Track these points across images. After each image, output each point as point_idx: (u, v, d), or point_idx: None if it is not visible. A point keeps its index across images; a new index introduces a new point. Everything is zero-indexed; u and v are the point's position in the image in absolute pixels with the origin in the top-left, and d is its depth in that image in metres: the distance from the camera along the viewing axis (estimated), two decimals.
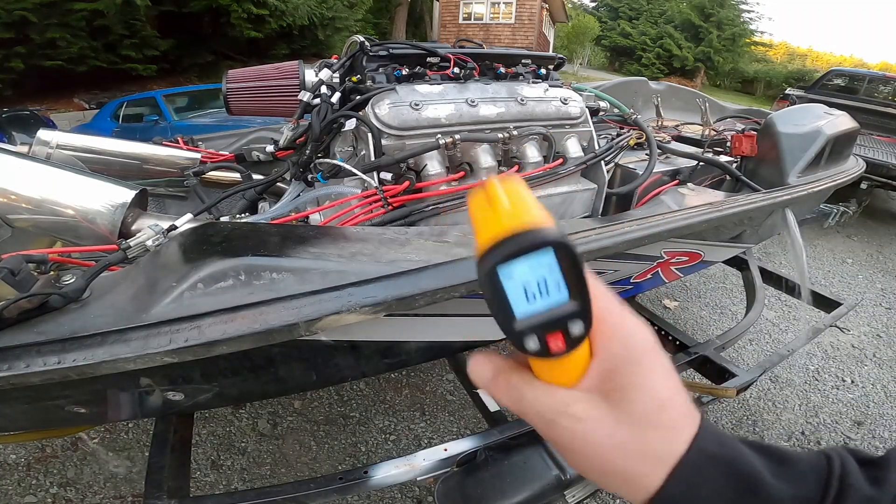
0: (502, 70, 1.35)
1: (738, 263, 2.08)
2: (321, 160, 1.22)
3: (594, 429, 0.27)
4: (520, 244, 0.23)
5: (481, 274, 0.24)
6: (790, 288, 2.10)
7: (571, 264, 0.24)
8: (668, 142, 1.80)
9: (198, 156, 1.60)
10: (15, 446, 1.69)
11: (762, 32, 23.93)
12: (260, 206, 1.35)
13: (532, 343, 0.25)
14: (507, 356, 0.31)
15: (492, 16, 16.47)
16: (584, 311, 0.25)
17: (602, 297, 0.27)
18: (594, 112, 1.70)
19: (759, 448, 0.30)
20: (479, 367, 0.30)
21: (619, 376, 0.27)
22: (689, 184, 1.48)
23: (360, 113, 1.14)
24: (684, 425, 0.28)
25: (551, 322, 0.25)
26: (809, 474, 0.29)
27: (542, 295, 0.24)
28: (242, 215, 1.26)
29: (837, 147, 1.68)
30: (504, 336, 0.26)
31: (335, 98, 1.23)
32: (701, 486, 0.27)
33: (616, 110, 1.82)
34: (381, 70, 1.26)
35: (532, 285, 0.24)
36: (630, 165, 1.53)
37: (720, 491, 0.27)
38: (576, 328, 0.25)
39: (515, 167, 1.23)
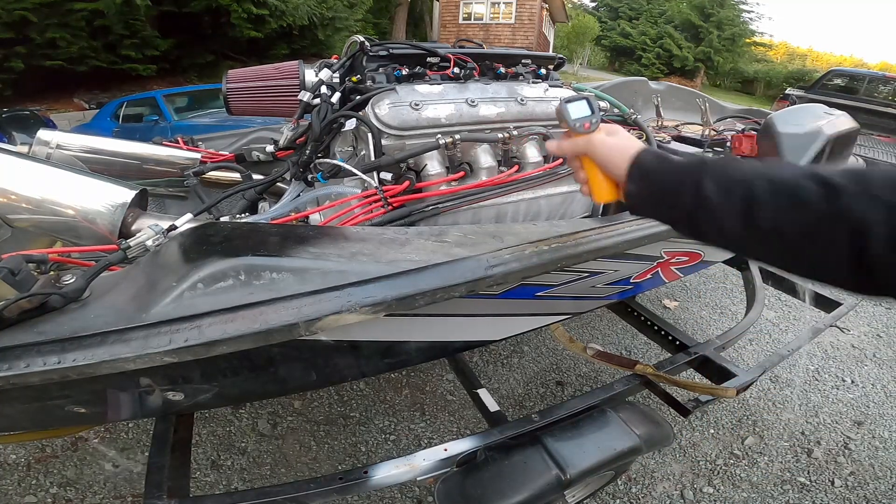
0: (502, 70, 1.35)
1: (738, 263, 2.08)
2: (321, 160, 1.22)
3: (606, 140, 0.65)
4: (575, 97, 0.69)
5: (559, 105, 0.68)
6: (790, 288, 2.10)
7: (593, 102, 0.69)
8: (668, 142, 1.80)
9: (198, 156, 1.60)
10: (15, 446, 1.69)
11: (762, 32, 23.92)
12: (260, 206, 1.35)
13: (578, 125, 0.67)
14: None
15: (492, 16, 16.46)
16: (594, 114, 0.68)
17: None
18: None
19: (672, 150, 0.75)
20: (556, 145, 0.71)
21: (611, 130, 0.67)
22: None
23: (360, 113, 1.14)
24: (638, 142, 0.64)
25: (583, 118, 0.67)
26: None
27: (583, 113, 0.68)
28: (242, 215, 1.26)
29: (837, 147, 1.68)
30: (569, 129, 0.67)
31: (335, 98, 1.23)
32: (646, 158, 0.61)
33: (616, 110, 1.82)
34: (381, 70, 1.26)
35: (580, 109, 0.68)
36: None
37: (653, 160, 0.60)
38: (593, 121, 0.67)
39: (515, 167, 1.23)
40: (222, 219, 1.20)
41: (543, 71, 1.45)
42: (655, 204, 0.59)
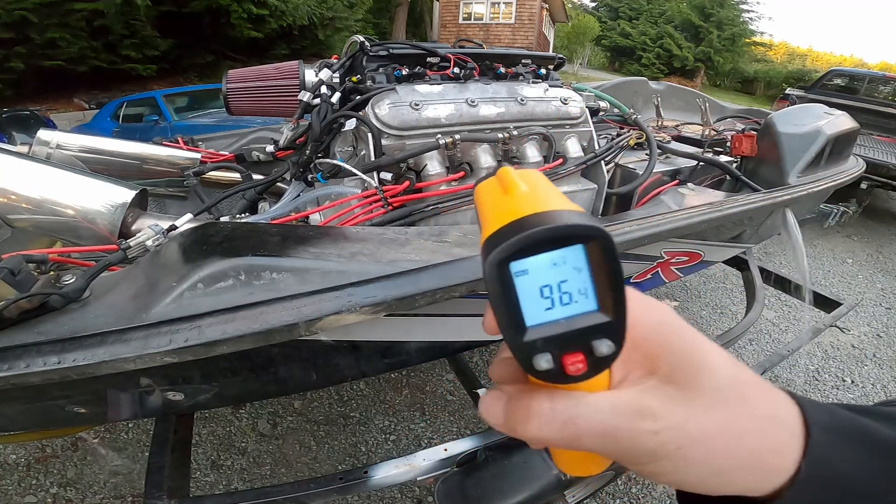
0: (502, 70, 1.35)
1: (738, 263, 2.08)
2: (321, 160, 1.22)
3: (687, 420, 0.21)
4: (542, 234, 0.18)
5: (489, 267, 0.19)
6: (790, 288, 2.10)
7: (606, 265, 0.19)
8: (668, 142, 1.80)
9: (198, 156, 1.60)
10: (15, 446, 1.69)
11: (762, 32, 23.97)
12: (260, 206, 1.35)
13: (544, 362, 0.20)
14: (507, 379, 0.24)
15: (492, 16, 16.46)
16: (616, 325, 0.20)
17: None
18: (594, 112, 1.70)
19: (859, 410, 0.26)
20: (492, 406, 0.23)
21: (670, 347, 0.22)
22: (689, 184, 1.48)
23: (360, 113, 1.14)
24: (774, 392, 0.24)
25: (572, 337, 0.20)
26: None
27: (563, 302, 0.20)
28: (242, 215, 1.26)
29: (837, 147, 1.68)
30: (511, 351, 0.20)
31: (335, 98, 1.23)
32: (841, 464, 0.23)
33: (616, 110, 1.82)
34: (381, 70, 1.26)
35: (552, 289, 0.19)
36: (630, 165, 1.53)
37: (864, 465, 0.23)
38: (603, 347, 0.20)
39: (515, 167, 1.22)
40: (222, 219, 1.20)
41: (543, 71, 1.45)
42: None
